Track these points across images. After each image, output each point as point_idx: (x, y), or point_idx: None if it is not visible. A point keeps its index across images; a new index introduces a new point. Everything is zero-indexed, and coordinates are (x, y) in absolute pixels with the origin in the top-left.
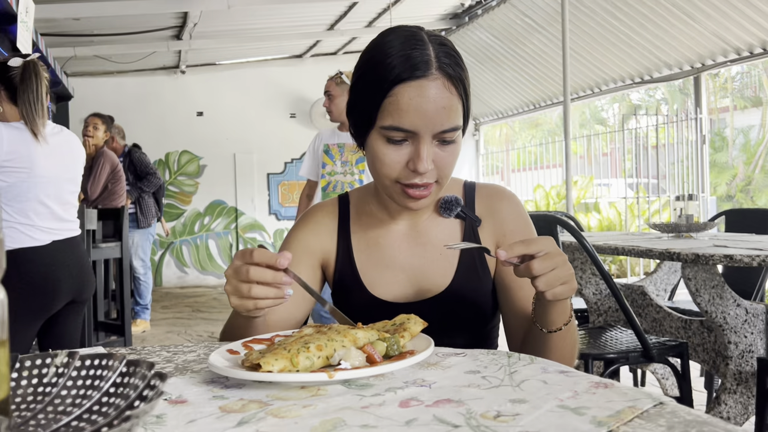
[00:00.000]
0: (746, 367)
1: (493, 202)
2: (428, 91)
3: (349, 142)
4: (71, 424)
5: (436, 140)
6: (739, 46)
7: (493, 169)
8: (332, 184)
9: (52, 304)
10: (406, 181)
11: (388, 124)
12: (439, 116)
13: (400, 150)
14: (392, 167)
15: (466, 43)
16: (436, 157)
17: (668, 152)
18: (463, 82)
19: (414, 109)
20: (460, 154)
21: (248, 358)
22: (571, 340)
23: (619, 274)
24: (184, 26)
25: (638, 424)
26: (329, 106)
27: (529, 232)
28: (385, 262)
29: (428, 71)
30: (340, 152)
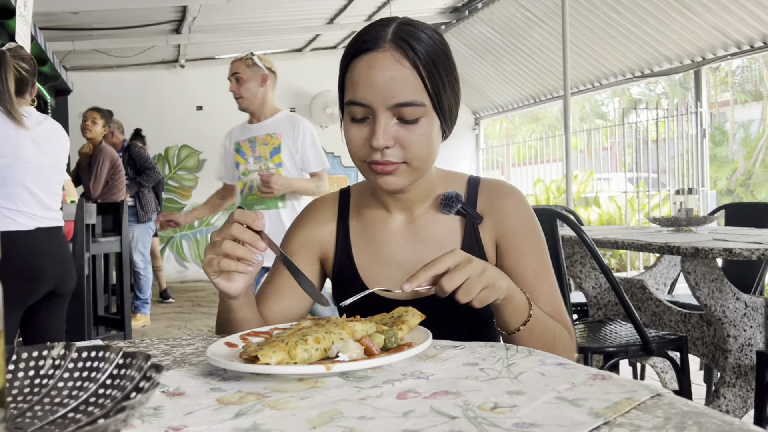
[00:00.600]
0: (745, 360)
1: (496, 199)
2: (376, 62)
3: (260, 134)
4: (68, 416)
5: (395, 117)
6: (739, 40)
7: (493, 163)
8: (248, 185)
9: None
10: (368, 158)
11: (347, 100)
12: (389, 88)
13: (362, 128)
14: (354, 144)
15: (465, 36)
16: (398, 136)
17: (668, 146)
18: (424, 62)
19: (363, 81)
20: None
21: (246, 350)
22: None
23: (618, 268)
24: (183, 20)
25: (635, 416)
26: (238, 90)
27: (533, 233)
28: (384, 257)
29: (378, 44)
30: (252, 147)
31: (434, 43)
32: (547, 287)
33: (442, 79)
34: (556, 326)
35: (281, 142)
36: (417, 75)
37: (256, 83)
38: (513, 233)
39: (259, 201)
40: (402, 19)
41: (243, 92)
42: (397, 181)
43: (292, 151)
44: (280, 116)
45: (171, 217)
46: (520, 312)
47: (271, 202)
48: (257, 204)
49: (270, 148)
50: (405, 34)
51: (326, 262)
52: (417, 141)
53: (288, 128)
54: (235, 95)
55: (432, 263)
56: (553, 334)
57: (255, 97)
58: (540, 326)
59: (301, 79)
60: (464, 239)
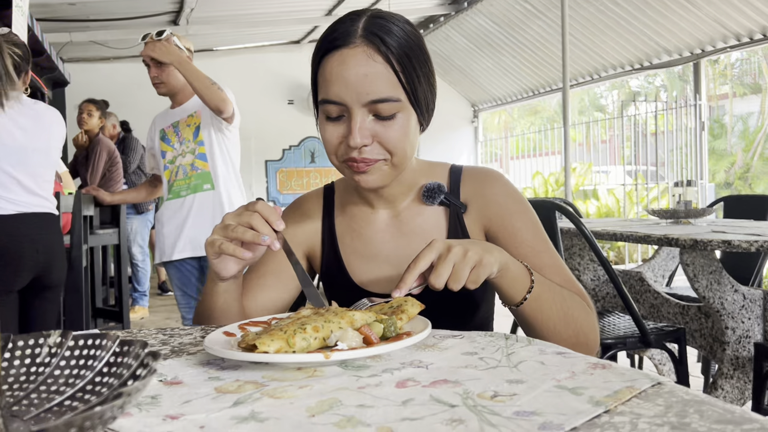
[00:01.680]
0: (743, 352)
1: (479, 185)
2: (348, 59)
3: (183, 117)
4: (64, 404)
5: (371, 114)
6: (739, 32)
7: (491, 156)
8: (174, 171)
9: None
10: (345, 157)
11: (321, 98)
12: (362, 84)
13: (338, 126)
14: (331, 144)
15: (464, 28)
16: (375, 132)
17: (667, 139)
18: (397, 55)
19: (335, 79)
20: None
21: (244, 339)
22: (550, 308)
23: (617, 260)
24: (180, 11)
25: (636, 404)
26: (159, 75)
27: (520, 211)
28: (370, 252)
29: (348, 41)
30: (176, 132)
31: (407, 35)
32: (548, 259)
33: (416, 71)
34: (566, 293)
35: (201, 120)
36: (390, 69)
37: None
38: (499, 216)
39: (185, 186)
40: (372, 11)
41: (165, 77)
42: (376, 178)
43: (214, 125)
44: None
45: (95, 193)
46: (521, 281)
47: (197, 185)
48: (183, 189)
49: (192, 129)
50: (375, 28)
51: (314, 259)
52: (395, 137)
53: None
54: (154, 81)
55: (414, 262)
56: (564, 299)
57: (178, 81)
58: (548, 294)
59: (298, 71)
60: (449, 229)
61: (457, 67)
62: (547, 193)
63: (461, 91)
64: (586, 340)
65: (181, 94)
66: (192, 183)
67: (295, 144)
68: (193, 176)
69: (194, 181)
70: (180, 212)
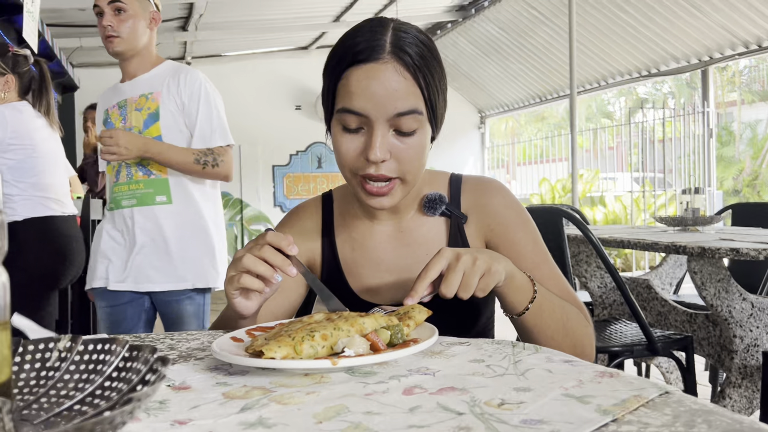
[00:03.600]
0: (751, 361)
1: (479, 196)
2: (378, 74)
3: (133, 96)
4: (74, 408)
5: (392, 129)
6: (747, 39)
7: (498, 162)
8: (115, 171)
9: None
10: (362, 172)
11: (340, 107)
12: (390, 99)
13: (356, 139)
14: (347, 156)
15: (472, 35)
16: (394, 149)
17: (675, 146)
18: (422, 72)
19: (362, 91)
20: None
21: (252, 345)
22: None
23: (624, 267)
24: (189, 17)
25: (644, 413)
26: (117, 26)
27: (520, 222)
28: (371, 264)
29: (379, 55)
30: (122, 115)
31: (428, 50)
32: (547, 270)
33: (435, 85)
34: (566, 304)
35: (160, 105)
36: (416, 84)
37: (145, 22)
38: (500, 226)
39: (128, 195)
40: (395, 23)
41: (123, 30)
42: (390, 201)
43: (175, 115)
44: (161, 68)
45: None
46: (524, 291)
47: (146, 195)
48: (126, 198)
49: (145, 115)
50: (403, 43)
51: (313, 269)
52: (411, 155)
53: (171, 83)
54: (108, 32)
55: (425, 271)
56: (564, 310)
57: (138, 40)
58: (548, 304)
59: (306, 76)
60: (450, 240)
61: (464, 73)
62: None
63: (468, 97)
64: (583, 351)
65: (137, 60)
66: (138, 191)
67: (302, 149)
68: (142, 182)
69: (142, 189)
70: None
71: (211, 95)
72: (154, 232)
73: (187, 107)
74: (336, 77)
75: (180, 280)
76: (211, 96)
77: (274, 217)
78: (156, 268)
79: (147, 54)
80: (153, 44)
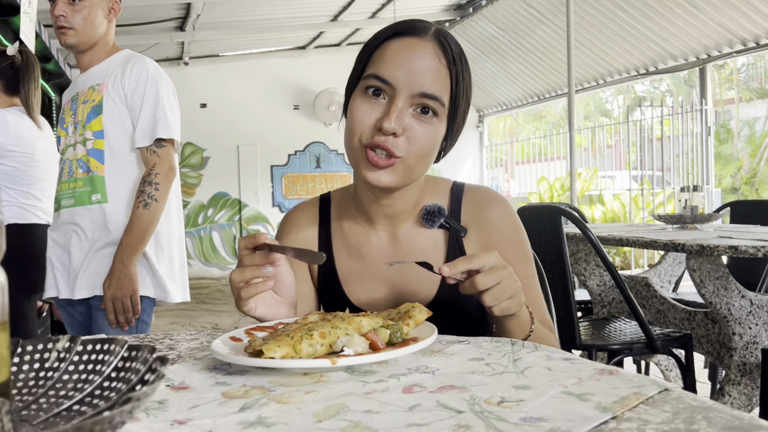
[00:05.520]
0: (750, 358)
1: (481, 209)
2: (416, 48)
3: (84, 89)
4: (73, 408)
5: (413, 106)
6: (745, 37)
7: (497, 161)
8: (66, 170)
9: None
10: (370, 140)
11: (369, 73)
12: (421, 75)
13: (375, 106)
14: (362, 121)
15: (470, 34)
16: (409, 128)
17: (673, 144)
18: (457, 67)
19: (397, 61)
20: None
21: (251, 344)
22: None
23: (623, 266)
24: (187, 17)
25: (643, 410)
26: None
27: (519, 243)
28: (368, 273)
29: (422, 33)
30: (72, 109)
31: (465, 57)
32: (534, 296)
33: (464, 90)
34: (549, 336)
35: (103, 97)
36: (448, 75)
37: (103, 12)
38: (499, 244)
39: (68, 194)
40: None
41: (77, 20)
42: (388, 177)
43: (120, 109)
44: (114, 58)
45: None
46: (524, 327)
47: (83, 194)
48: (66, 198)
49: (89, 108)
50: (446, 36)
51: (310, 271)
52: (423, 140)
53: (117, 73)
54: (60, 23)
55: (471, 256)
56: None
57: (94, 33)
58: (538, 340)
59: (304, 76)
60: (448, 253)
61: None
62: (552, 198)
63: None
64: None
65: (92, 52)
66: (78, 190)
67: (300, 149)
68: (81, 180)
69: (80, 187)
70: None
71: (159, 87)
72: (87, 234)
73: (130, 100)
74: (372, 48)
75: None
76: (158, 88)
77: (272, 217)
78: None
79: (103, 44)
80: (111, 34)
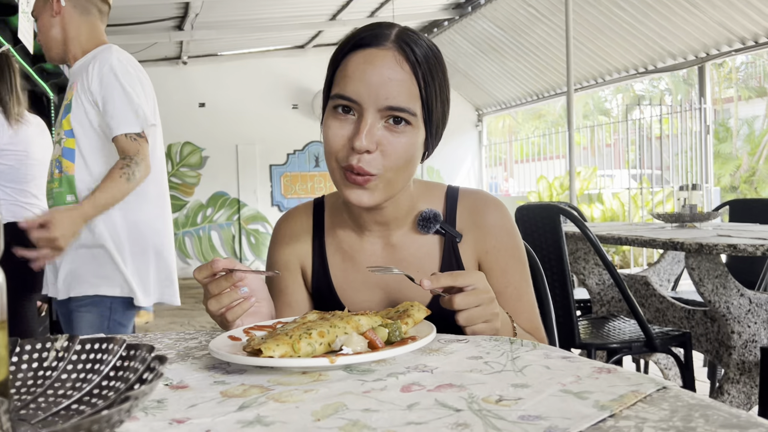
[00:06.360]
0: (749, 356)
1: (476, 214)
2: (375, 59)
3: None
4: (71, 407)
5: (384, 120)
6: (743, 36)
7: (495, 160)
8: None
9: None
10: (345, 162)
11: (335, 93)
12: (384, 88)
13: (345, 124)
14: (334, 142)
15: (468, 33)
16: (383, 141)
17: (672, 143)
18: (423, 70)
19: (358, 76)
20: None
21: (250, 343)
22: None
23: (622, 264)
24: (185, 16)
25: (641, 408)
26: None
27: (514, 249)
28: (361, 279)
29: (380, 42)
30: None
31: (434, 55)
32: (526, 303)
33: (436, 91)
34: None
35: (73, 96)
36: (414, 81)
37: (47, 14)
38: (494, 250)
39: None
40: (406, 27)
41: (41, 38)
42: (369, 197)
43: (87, 108)
44: (89, 56)
45: None
46: None
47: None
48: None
49: (62, 107)
50: (408, 39)
51: (304, 275)
52: (399, 152)
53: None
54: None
55: (456, 274)
56: None
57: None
58: None
59: (303, 75)
60: (443, 259)
61: (461, 71)
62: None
63: (465, 95)
64: None
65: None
66: (55, 190)
67: (299, 148)
68: (57, 180)
69: (57, 187)
70: None
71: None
72: None
73: (95, 96)
74: (335, 65)
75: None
76: (121, 79)
77: (271, 217)
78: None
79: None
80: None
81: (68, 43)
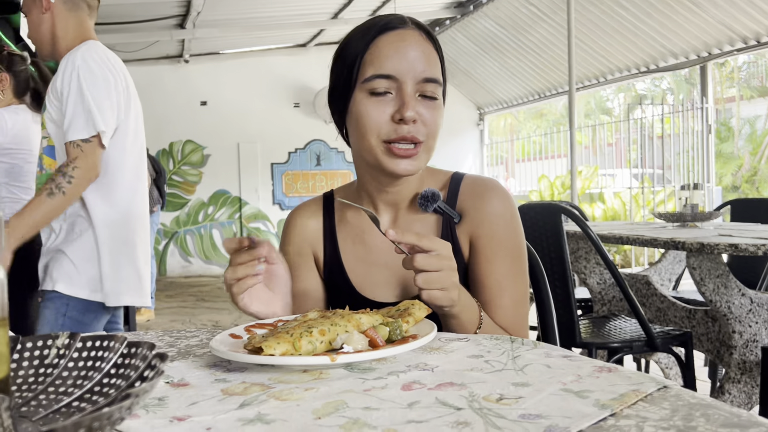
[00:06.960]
0: (750, 356)
1: (477, 197)
2: (408, 38)
3: None
4: (72, 405)
5: (418, 93)
6: (746, 35)
7: (497, 159)
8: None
9: None
10: (394, 135)
11: (370, 74)
12: (419, 62)
13: (384, 103)
14: (377, 122)
15: (470, 31)
16: (420, 113)
17: (673, 142)
18: (438, 46)
19: (395, 53)
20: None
21: (251, 341)
22: None
23: (623, 264)
24: (187, 15)
25: (642, 407)
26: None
27: (508, 239)
28: (371, 260)
29: (405, 24)
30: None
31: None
32: (507, 300)
33: (444, 74)
34: None
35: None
36: (438, 57)
37: (38, 12)
38: (487, 237)
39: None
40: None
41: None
42: (414, 164)
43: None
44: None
45: None
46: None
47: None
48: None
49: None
50: (420, 23)
51: (317, 262)
52: (436, 120)
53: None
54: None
55: (422, 236)
56: None
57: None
58: None
59: (305, 74)
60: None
61: (462, 70)
62: (553, 197)
63: (467, 94)
64: None
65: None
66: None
67: (300, 147)
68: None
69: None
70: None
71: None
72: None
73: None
74: (363, 49)
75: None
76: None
77: (272, 215)
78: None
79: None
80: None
81: (56, 39)
